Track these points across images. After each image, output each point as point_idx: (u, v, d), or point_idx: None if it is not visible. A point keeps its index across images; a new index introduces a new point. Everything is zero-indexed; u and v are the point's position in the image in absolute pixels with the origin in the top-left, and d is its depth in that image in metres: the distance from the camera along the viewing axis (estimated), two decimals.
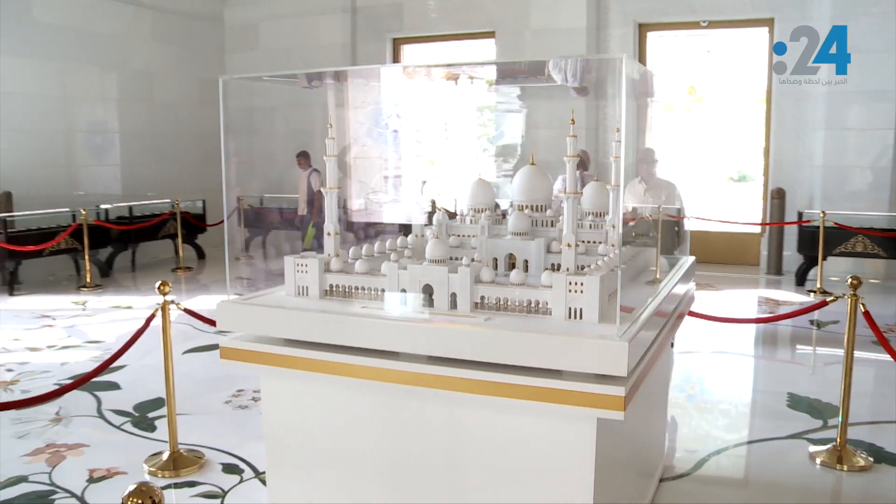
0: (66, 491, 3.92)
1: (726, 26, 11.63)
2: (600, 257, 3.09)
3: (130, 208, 11.46)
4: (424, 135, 6.68)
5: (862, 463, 4.23)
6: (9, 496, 3.90)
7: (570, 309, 2.58)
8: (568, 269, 2.68)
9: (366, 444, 2.85)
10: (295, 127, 12.28)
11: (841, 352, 4.39)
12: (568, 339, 2.39)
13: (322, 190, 3.12)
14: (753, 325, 7.48)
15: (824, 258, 9.52)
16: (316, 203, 8.47)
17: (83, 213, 9.97)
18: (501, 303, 2.74)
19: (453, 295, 2.74)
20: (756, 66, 11.73)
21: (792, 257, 10.54)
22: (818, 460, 4.29)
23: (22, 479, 4.09)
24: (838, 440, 4.31)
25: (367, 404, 2.82)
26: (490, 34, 12.65)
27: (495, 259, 3.40)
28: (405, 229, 4.06)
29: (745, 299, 9.14)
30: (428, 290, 2.80)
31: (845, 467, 4.20)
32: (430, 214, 4.16)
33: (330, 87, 4.74)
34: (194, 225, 12.27)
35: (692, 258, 4.10)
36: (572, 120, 2.77)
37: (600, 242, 3.48)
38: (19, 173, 10.67)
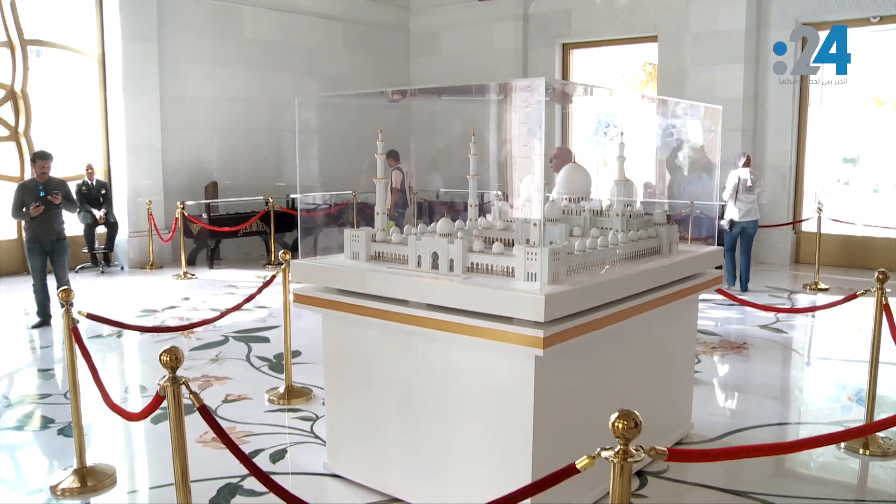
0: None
1: None
2: (593, 238, 3.77)
3: (314, 198, 13.01)
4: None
5: (885, 449, 4.49)
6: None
7: (527, 273, 3.31)
8: (534, 243, 3.40)
9: (388, 369, 3.74)
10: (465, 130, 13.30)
11: None
12: (506, 293, 3.15)
13: (374, 180, 4.04)
14: None
15: None
16: (392, 198, 9.45)
17: (271, 200, 11.61)
18: (488, 267, 3.52)
19: (451, 260, 3.56)
20: None
21: None
22: (843, 444, 4.58)
23: None
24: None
25: (388, 340, 3.71)
26: (653, 38, 12.99)
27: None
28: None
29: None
30: (435, 257, 3.63)
31: (868, 452, 4.48)
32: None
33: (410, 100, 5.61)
34: (370, 215, 13.65)
35: (717, 248, 4.59)
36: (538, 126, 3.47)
37: (610, 229, 4.14)
38: (226, 166, 12.58)
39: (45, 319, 7.72)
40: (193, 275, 10.52)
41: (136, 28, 11.26)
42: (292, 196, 12.75)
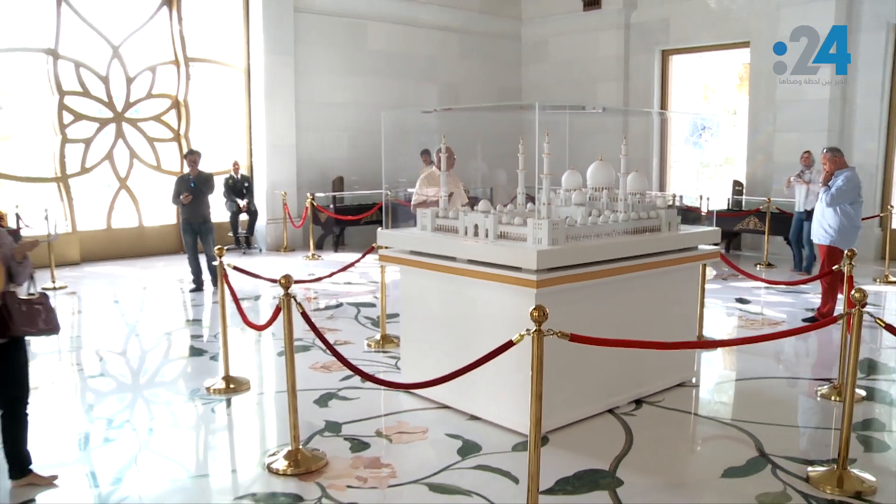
0: (319, 347, 6.65)
1: None
2: (603, 215, 4.99)
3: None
4: None
5: (855, 399, 5.43)
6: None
7: (535, 238, 4.59)
8: (544, 217, 4.67)
9: (442, 307, 5.12)
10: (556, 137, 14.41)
11: None
12: (516, 250, 4.45)
13: (436, 171, 5.40)
14: None
15: None
16: None
17: (387, 194, 13.18)
18: (513, 235, 4.81)
19: (486, 230, 4.88)
20: None
21: None
22: (819, 393, 5.57)
23: (300, 339, 6.93)
24: (839, 380, 5.55)
25: (443, 286, 5.07)
26: (745, 44, 13.70)
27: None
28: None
29: None
30: (476, 228, 4.96)
31: (838, 399, 5.43)
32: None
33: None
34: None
35: (713, 228, 5.68)
36: (546, 132, 4.72)
37: (615, 211, 5.34)
38: (352, 163, 14.28)
39: (198, 286, 9.55)
40: (320, 256, 12.26)
41: (276, 43, 13.12)
42: (409, 190, 14.32)
